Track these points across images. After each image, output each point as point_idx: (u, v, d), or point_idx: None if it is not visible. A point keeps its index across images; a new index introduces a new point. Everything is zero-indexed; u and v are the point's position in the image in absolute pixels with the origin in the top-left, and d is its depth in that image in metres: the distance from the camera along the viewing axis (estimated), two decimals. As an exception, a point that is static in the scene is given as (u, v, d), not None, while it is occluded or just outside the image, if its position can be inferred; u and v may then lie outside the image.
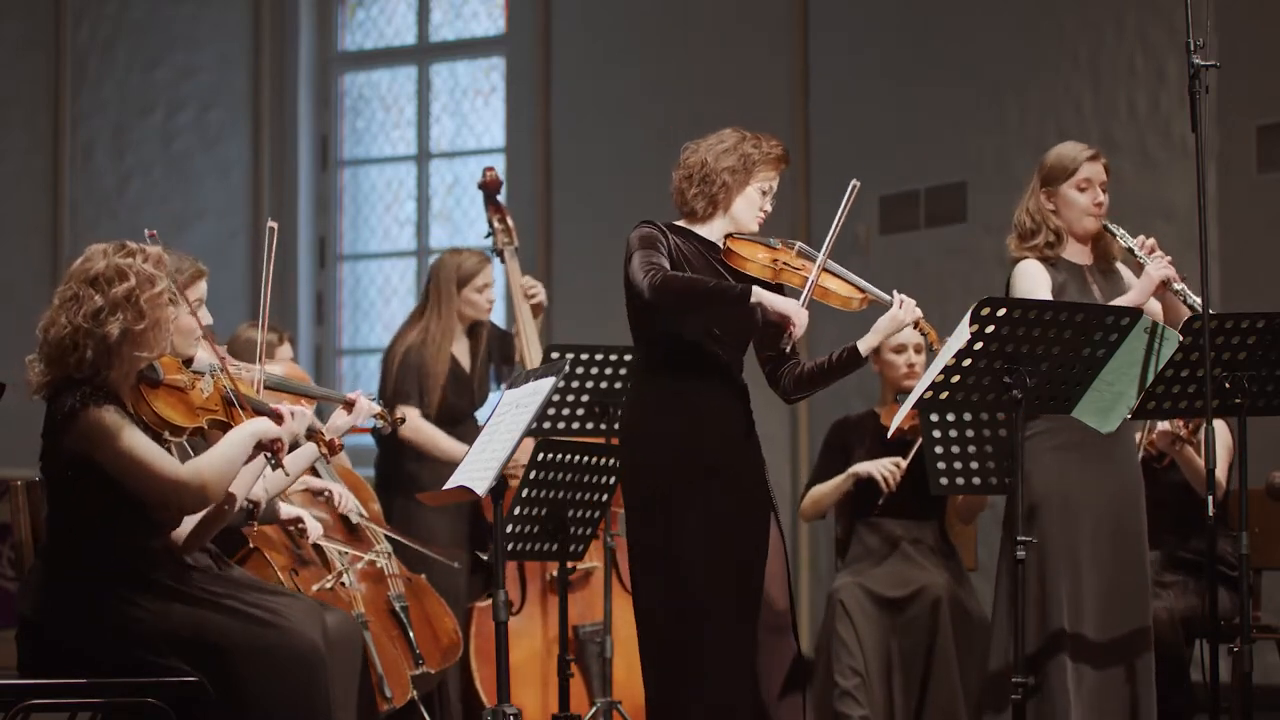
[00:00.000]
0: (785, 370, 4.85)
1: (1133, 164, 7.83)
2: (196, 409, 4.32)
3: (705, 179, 4.83)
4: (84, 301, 4.18)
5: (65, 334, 4.19)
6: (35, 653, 4.24)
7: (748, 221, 4.85)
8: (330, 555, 5.43)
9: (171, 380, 4.31)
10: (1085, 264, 5.18)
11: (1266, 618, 6.20)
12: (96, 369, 4.17)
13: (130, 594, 4.20)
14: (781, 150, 4.87)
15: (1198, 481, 5.64)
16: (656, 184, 9.09)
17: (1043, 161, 5.22)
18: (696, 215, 4.87)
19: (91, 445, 4.14)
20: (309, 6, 10.34)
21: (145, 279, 4.21)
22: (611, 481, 5.26)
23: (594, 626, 6.17)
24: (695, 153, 4.87)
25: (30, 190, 9.85)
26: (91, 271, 4.21)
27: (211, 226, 10.06)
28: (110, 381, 4.19)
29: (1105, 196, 5.17)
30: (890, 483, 6.24)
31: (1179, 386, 4.80)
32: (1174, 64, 7.77)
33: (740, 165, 4.81)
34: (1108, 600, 5.01)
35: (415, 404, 6.38)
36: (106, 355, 4.17)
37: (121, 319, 4.16)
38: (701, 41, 9.21)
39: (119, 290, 4.18)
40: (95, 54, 10.01)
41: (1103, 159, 5.20)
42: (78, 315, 4.17)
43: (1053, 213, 5.15)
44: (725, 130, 4.90)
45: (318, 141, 10.33)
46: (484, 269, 6.50)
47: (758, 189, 4.84)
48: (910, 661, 6.13)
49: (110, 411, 4.14)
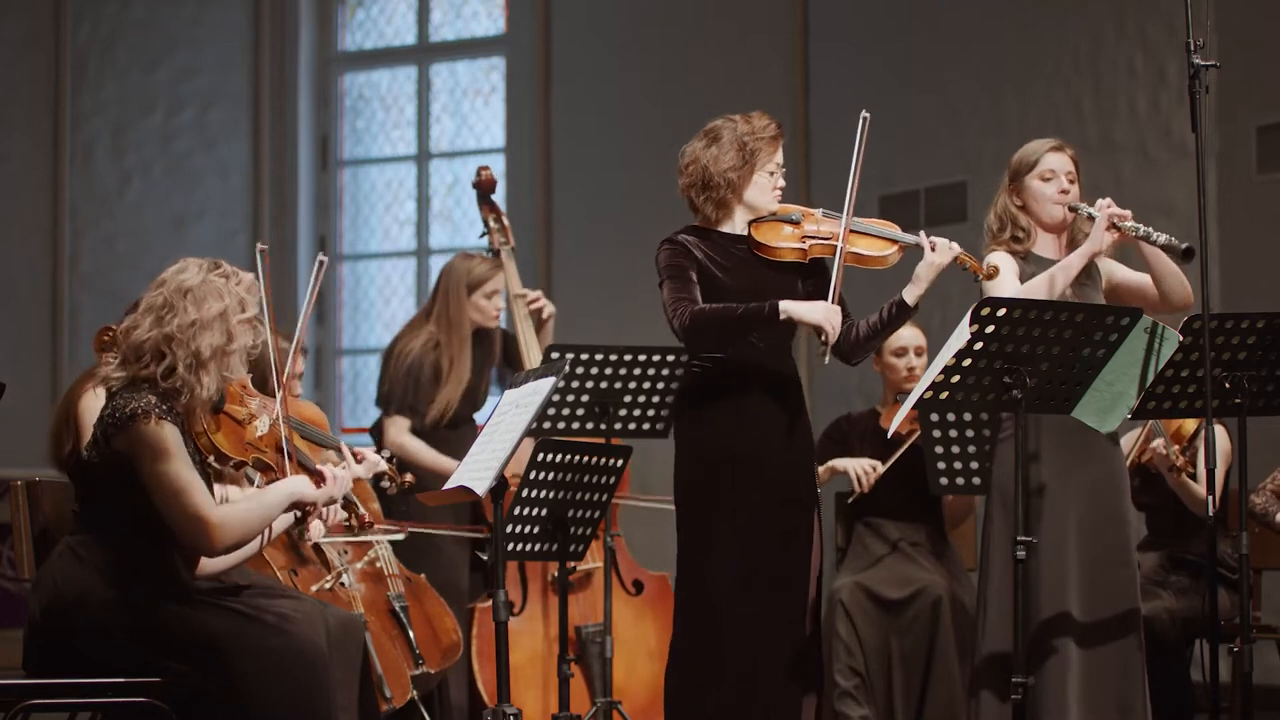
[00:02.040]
0: (841, 335, 4.87)
1: (1133, 164, 7.83)
2: (246, 444, 4.35)
3: (709, 185, 4.84)
4: (177, 311, 4.19)
5: (149, 339, 4.19)
6: (43, 649, 4.24)
7: (764, 204, 4.88)
8: (330, 555, 5.43)
9: (231, 410, 4.34)
10: (1057, 259, 5.15)
11: (1266, 618, 6.20)
12: (182, 382, 4.18)
13: (146, 598, 4.20)
14: (775, 127, 4.88)
15: (1195, 507, 5.66)
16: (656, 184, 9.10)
17: (1009, 162, 5.21)
18: (712, 219, 4.88)
19: (138, 454, 4.15)
20: (309, 6, 10.34)
21: (238, 301, 4.24)
22: (612, 481, 5.26)
23: (595, 627, 6.16)
24: (693, 159, 4.88)
25: (30, 190, 9.85)
26: (186, 284, 4.23)
27: (211, 226, 10.06)
28: (191, 401, 4.20)
29: (1074, 188, 5.11)
30: (864, 483, 6.25)
31: (1179, 386, 4.80)
32: (1174, 64, 7.77)
33: (740, 159, 4.82)
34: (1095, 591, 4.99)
35: (406, 415, 6.37)
36: (197, 370, 4.18)
37: (213, 337, 4.18)
38: (701, 41, 9.22)
39: (214, 309, 4.21)
40: (95, 54, 10.01)
41: (1068, 150, 5.14)
42: (171, 324, 4.19)
43: (1020, 209, 5.13)
44: (716, 122, 4.89)
45: (318, 141, 10.33)
46: (494, 275, 6.49)
47: (764, 173, 4.85)
48: (910, 661, 6.14)
49: (169, 430, 4.14)
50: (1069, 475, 4.96)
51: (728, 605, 4.74)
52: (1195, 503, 5.69)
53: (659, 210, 9.39)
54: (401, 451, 6.33)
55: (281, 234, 10.18)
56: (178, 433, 4.17)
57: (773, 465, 4.79)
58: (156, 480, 4.14)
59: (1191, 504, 5.73)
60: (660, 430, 5.89)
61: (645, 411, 5.82)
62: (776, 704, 4.75)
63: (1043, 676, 4.89)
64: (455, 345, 6.42)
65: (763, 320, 4.66)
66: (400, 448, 6.32)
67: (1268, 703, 5.81)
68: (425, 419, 6.38)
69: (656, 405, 5.82)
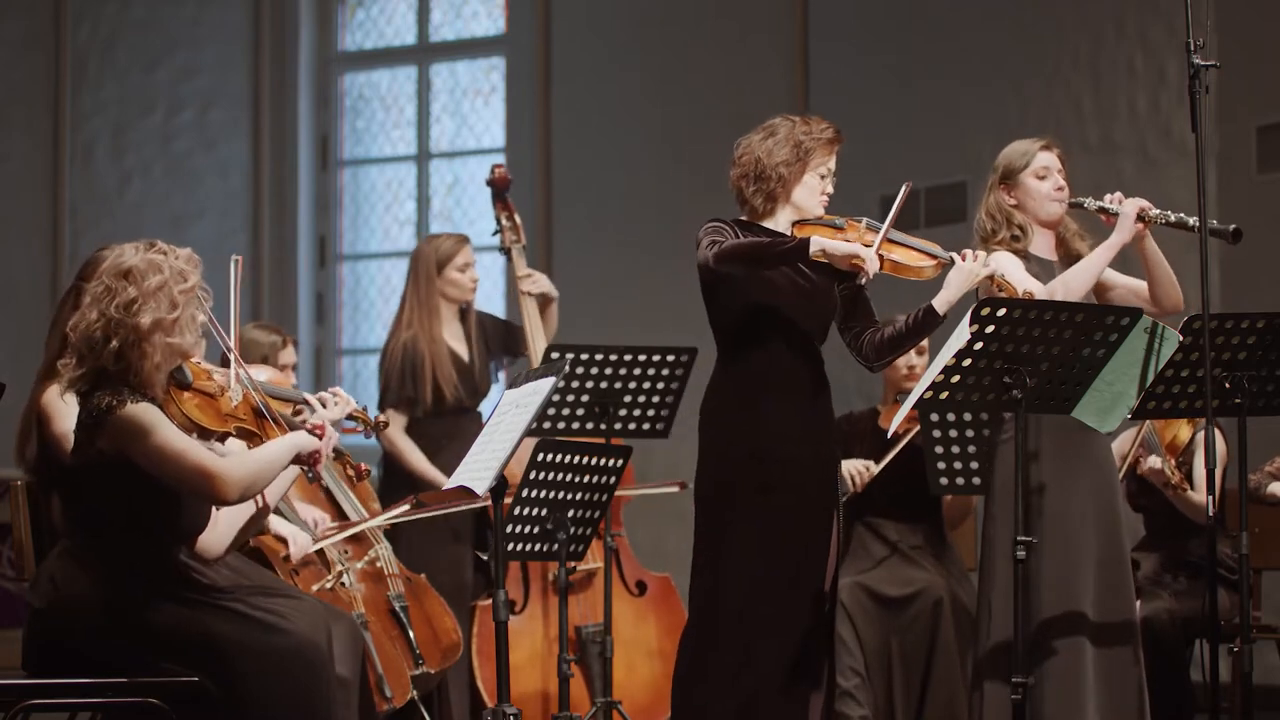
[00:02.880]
0: (865, 338, 4.87)
1: (1133, 164, 7.83)
2: (224, 415, 4.35)
3: (760, 176, 4.84)
4: (117, 294, 4.20)
5: (97, 327, 4.20)
6: (42, 649, 4.24)
7: (811, 207, 4.88)
8: (330, 555, 5.43)
9: (201, 385, 4.34)
10: (1053, 259, 5.16)
11: (1266, 618, 6.21)
12: (128, 361, 4.18)
13: (143, 596, 4.20)
14: (834, 132, 4.88)
15: (1195, 515, 5.66)
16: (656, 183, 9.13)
17: (996, 163, 5.21)
18: (758, 212, 4.88)
19: (127, 441, 4.15)
20: (309, 6, 10.34)
21: (177, 273, 4.24)
22: (611, 481, 5.26)
23: (597, 627, 6.16)
24: (748, 150, 4.88)
25: (30, 190, 9.85)
26: (124, 266, 4.23)
27: (211, 226, 10.06)
28: (143, 376, 4.20)
29: (1066, 185, 5.13)
30: (857, 482, 6.25)
31: (1179, 386, 4.80)
32: (1174, 64, 7.76)
33: (793, 156, 4.82)
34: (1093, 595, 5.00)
35: (405, 411, 6.35)
36: (138, 346, 4.18)
37: (154, 309, 4.18)
38: (701, 41, 9.21)
39: (153, 282, 4.20)
40: (95, 54, 10.01)
41: (1056, 149, 5.17)
42: (110, 307, 4.19)
43: (1015, 207, 5.13)
44: (775, 120, 4.90)
45: (318, 141, 10.33)
46: (462, 248, 6.46)
47: (815, 174, 4.86)
48: (911, 661, 6.13)
49: (144, 407, 4.15)
50: (1069, 475, 4.96)
51: (743, 602, 4.75)
52: (1195, 511, 5.70)
53: (659, 210, 9.44)
54: (392, 449, 6.33)
55: (281, 234, 10.18)
56: (155, 408, 4.17)
57: (797, 467, 4.79)
58: (154, 454, 4.14)
59: (1191, 513, 5.74)
60: (660, 430, 5.89)
61: (645, 411, 5.82)
62: (784, 701, 4.76)
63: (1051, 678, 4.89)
64: (433, 326, 6.39)
65: (790, 251, 4.64)
66: (391, 444, 6.32)
67: (1268, 703, 5.80)
68: (425, 407, 6.36)
69: (656, 405, 5.82)
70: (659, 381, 5.78)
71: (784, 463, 4.78)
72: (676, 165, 8.96)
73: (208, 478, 4.16)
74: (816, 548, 4.83)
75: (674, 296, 8.44)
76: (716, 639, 4.77)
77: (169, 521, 4.27)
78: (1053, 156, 5.12)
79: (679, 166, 8.94)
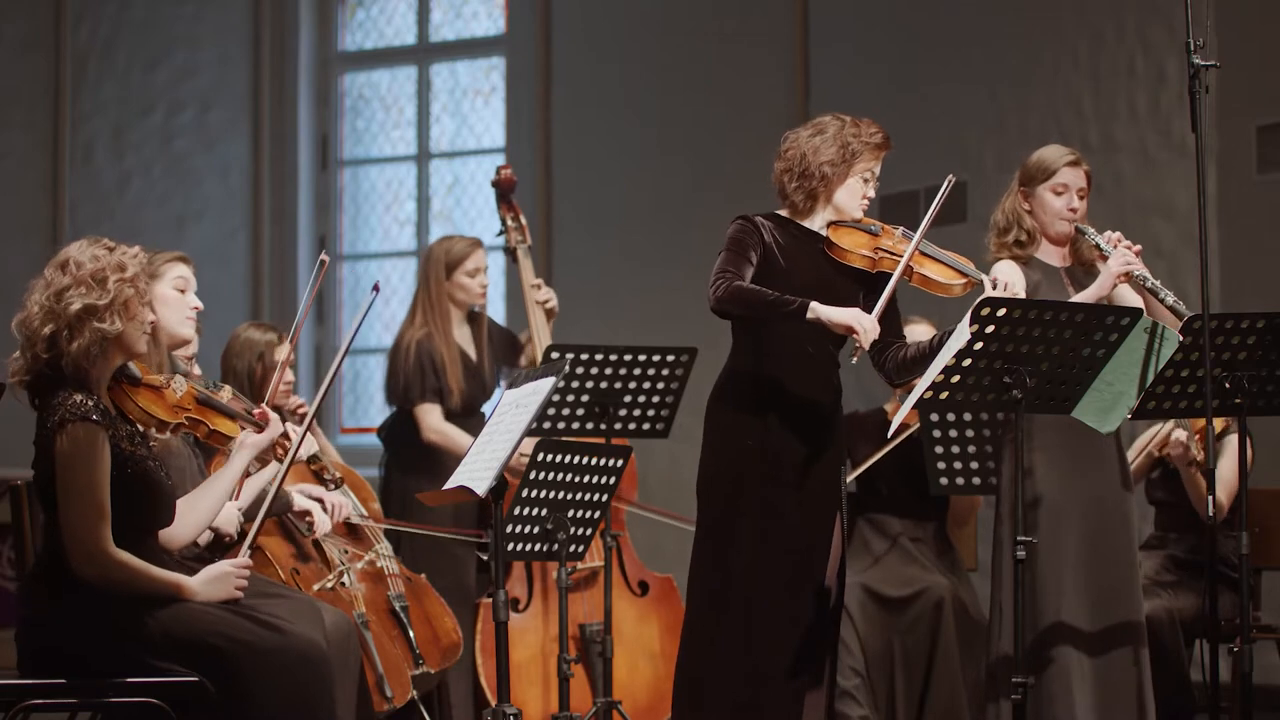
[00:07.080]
0: (889, 354, 4.87)
1: (1133, 164, 7.83)
2: (174, 407, 4.38)
3: (804, 173, 4.83)
4: (52, 283, 4.24)
5: (36, 318, 4.23)
6: (35, 655, 4.23)
7: (851, 210, 4.88)
8: (330, 554, 5.43)
9: (149, 380, 4.38)
10: (1060, 266, 5.17)
11: (1266, 618, 6.20)
12: (60, 348, 4.18)
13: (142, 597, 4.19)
14: (882, 136, 4.87)
15: (1198, 502, 5.66)
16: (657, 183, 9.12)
17: (1025, 161, 5.22)
18: (798, 209, 4.87)
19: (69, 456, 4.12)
20: (309, 6, 10.34)
21: (115, 264, 4.25)
22: (612, 481, 5.26)
23: (599, 626, 6.16)
24: (794, 145, 4.86)
25: (30, 190, 9.84)
26: (63, 258, 4.28)
27: (211, 226, 10.05)
28: (75, 361, 4.19)
29: (1082, 204, 5.14)
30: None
31: (1179, 386, 4.80)
32: (1174, 64, 7.76)
33: (840, 156, 4.81)
34: (1098, 596, 5.00)
35: (436, 400, 6.35)
36: (68, 330, 4.18)
37: (84, 295, 4.19)
38: (701, 41, 9.21)
39: (86, 270, 4.23)
40: (95, 54, 10.01)
41: (1085, 165, 5.17)
42: (44, 296, 4.23)
43: (1027, 213, 5.15)
44: (824, 117, 4.89)
45: (318, 141, 10.33)
46: (474, 253, 6.46)
47: (859, 178, 4.85)
48: (912, 661, 6.13)
49: (98, 437, 4.12)
50: (1075, 479, 4.97)
51: (746, 599, 4.75)
52: (1202, 500, 5.67)
53: (659, 210, 9.44)
54: (444, 439, 6.30)
55: (281, 234, 10.18)
56: (105, 435, 4.15)
57: (803, 465, 4.80)
58: (68, 482, 4.11)
59: (1198, 501, 5.71)
60: (660, 430, 5.89)
61: (645, 411, 5.83)
62: (783, 697, 4.76)
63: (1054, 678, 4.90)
64: (444, 328, 6.40)
65: (789, 314, 4.64)
66: (442, 435, 6.31)
67: (1268, 703, 5.81)
68: (454, 400, 6.36)
69: (656, 405, 5.82)
70: (659, 381, 5.78)
71: (791, 459, 4.78)
72: (677, 165, 8.96)
73: (89, 541, 4.10)
74: (820, 544, 4.83)
75: (674, 296, 8.46)
76: (718, 633, 4.77)
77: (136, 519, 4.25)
78: (1077, 174, 5.12)
79: (679, 167, 8.94)
